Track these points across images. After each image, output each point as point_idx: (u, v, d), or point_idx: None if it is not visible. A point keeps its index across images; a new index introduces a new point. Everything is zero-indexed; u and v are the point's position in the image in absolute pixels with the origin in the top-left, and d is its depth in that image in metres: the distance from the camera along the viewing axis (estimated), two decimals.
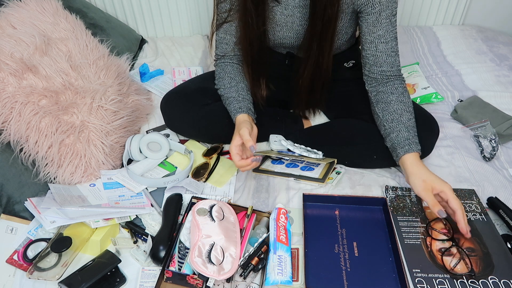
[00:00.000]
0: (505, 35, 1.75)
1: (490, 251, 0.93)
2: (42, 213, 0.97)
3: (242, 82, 1.15)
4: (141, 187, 1.12)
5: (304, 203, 1.05)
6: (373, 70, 1.07)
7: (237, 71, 1.17)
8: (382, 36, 1.02)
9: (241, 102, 1.11)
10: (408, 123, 1.02)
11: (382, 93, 1.07)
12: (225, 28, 1.12)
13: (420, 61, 1.63)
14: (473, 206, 1.04)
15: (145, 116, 1.38)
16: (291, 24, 1.07)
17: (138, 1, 1.73)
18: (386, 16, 1.01)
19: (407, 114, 1.03)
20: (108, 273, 0.90)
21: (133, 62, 1.63)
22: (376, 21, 1.01)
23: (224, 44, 1.15)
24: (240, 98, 1.11)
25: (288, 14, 1.06)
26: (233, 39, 1.13)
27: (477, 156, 1.20)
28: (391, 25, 1.02)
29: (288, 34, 1.10)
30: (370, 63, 1.07)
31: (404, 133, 1.00)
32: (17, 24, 1.20)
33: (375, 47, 1.04)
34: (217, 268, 0.85)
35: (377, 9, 1.00)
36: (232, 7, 1.07)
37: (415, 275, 0.89)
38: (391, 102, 1.05)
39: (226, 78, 1.15)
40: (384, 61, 1.05)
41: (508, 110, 1.32)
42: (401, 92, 1.05)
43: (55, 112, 1.09)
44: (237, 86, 1.13)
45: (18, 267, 0.93)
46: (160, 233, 0.97)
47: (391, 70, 1.06)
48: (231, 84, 1.14)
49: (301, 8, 1.05)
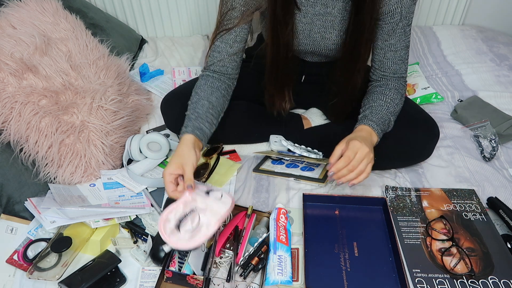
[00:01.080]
0: (505, 35, 1.75)
1: (490, 251, 0.93)
2: (42, 213, 0.97)
3: (206, 99, 1.05)
4: (141, 187, 1.12)
5: (304, 203, 1.05)
6: (376, 73, 1.08)
7: (210, 85, 1.08)
8: (393, 45, 1.03)
9: (193, 120, 1.01)
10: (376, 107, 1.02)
11: (374, 87, 1.08)
12: (222, 35, 1.06)
13: (420, 61, 1.63)
14: (473, 206, 1.04)
15: (145, 116, 1.38)
16: (309, 32, 1.07)
17: (138, 1, 1.73)
18: (402, 26, 1.01)
19: (380, 101, 1.03)
20: (108, 273, 0.90)
21: (133, 62, 1.63)
22: (392, 31, 1.01)
23: (216, 53, 1.08)
24: (194, 116, 1.02)
25: (307, 22, 1.05)
26: (227, 48, 1.07)
27: (477, 156, 1.20)
28: (405, 35, 1.02)
29: (304, 41, 1.09)
30: (375, 66, 1.08)
31: (367, 112, 1.02)
32: (17, 24, 1.20)
33: (383, 54, 1.04)
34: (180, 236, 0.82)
35: (396, 19, 0.99)
36: (243, 16, 1.04)
37: (415, 275, 0.89)
38: (375, 92, 1.06)
39: (193, 94, 1.07)
40: (388, 68, 1.06)
41: (508, 110, 1.32)
42: (389, 88, 1.05)
43: (55, 112, 1.09)
44: (197, 102, 1.05)
45: (18, 267, 0.93)
46: None
47: (393, 76, 1.07)
48: (193, 100, 1.06)
49: (321, 16, 1.04)
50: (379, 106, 1.02)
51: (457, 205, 1.05)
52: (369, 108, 1.03)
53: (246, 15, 1.03)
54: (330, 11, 1.03)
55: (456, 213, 1.02)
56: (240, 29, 1.05)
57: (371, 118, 1.00)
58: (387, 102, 1.03)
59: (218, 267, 0.92)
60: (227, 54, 1.07)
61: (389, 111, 1.03)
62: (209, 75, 1.09)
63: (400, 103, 1.06)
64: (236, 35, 1.06)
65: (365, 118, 1.00)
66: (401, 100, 1.06)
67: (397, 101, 1.05)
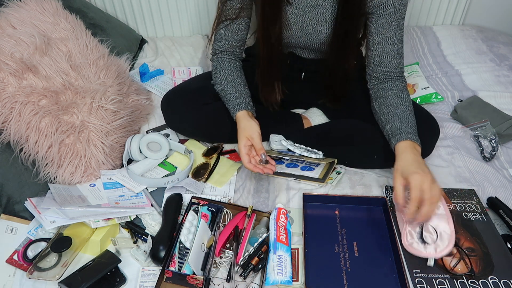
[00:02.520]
0: (505, 35, 1.75)
1: (490, 251, 0.93)
2: (42, 213, 0.97)
3: (239, 78, 1.16)
4: (141, 187, 1.12)
5: (304, 203, 1.05)
6: (377, 70, 1.08)
7: (234, 67, 1.17)
8: (390, 38, 1.03)
9: (238, 98, 1.11)
10: (402, 114, 1.02)
11: (382, 89, 1.08)
12: (227, 24, 1.11)
13: (420, 61, 1.63)
14: (473, 206, 1.04)
15: (145, 116, 1.38)
16: (301, 24, 1.08)
17: (138, 1, 1.73)
18: (396, 19, 1.01)
19: (402, 107, 1.03)
20: (108, 273, 0.90)
21: (133, 62, 1.63)
22: (386, 23, 1.02)
23: (224, 41, 1.15)
24: (238, 94, 1.11)
25: (299, 13, 1.06)
26: (233, 36, 1.13)
27: (477, 156, 1.20)
28: (399, 28, 1.03)
29: (297, 34, 1.10)
30: (375, 63, 1.07)
31: (397, 123, 1.00)
32: (17, 24, 1.20)
33: (381, 48, 1.05)
34: (433, 247, 0.89)
35: (389, 11, 1.00)
36: (243, 6, 1.08)
37: (415, 275, 0.89)
38: (389, 97, 1.06)
39: (223, 74, 1.15)
40: (389, 62, 1.06)
41: (508, 110, 1.32)
42: (400, 89, 1.06)
43: (55, 112, 1.09)
44: (234, 81, 1.14)
45: (18, 267, 0.93)
46: (160, 233, 0.97)
47: (394, 71, 1.07)
48: (228, 80, 1.14)
49: (312, 7, 1.05)
50: (404, 112, 1.01)
51: (457, 205, 1.05)
52: (396, 118, 1.01)
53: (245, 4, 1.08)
54: (321, 3, 1.04)
55: (456, 213, 1.02)
56: (241, 19, 1.11)
57: (407, 130, 0.98)
58: (408, 107, 1.03)
59: (218, 267, 0.92)
60: (234, 41, 1.15)
61: (412, 113, 1.03)
62: (225, 58, 1.17)
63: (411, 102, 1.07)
64: (239, 24, 1.12)
65: (401, 132, 0.97)
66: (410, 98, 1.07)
67: (410, 100, 1.06)
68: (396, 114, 1.02)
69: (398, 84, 1.07)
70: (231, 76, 1.15)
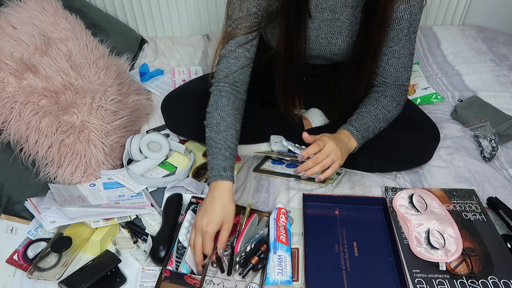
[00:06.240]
0: (505, 35, 1.75)
1: (490, 251, 0.93)
2: (42, 213, 0.97)
3: (233, 127, 0.96)
4: (141, 187, 1.12)
5: (304, 203, 1.05)
6: (377, 78, 1.07)
7: (232, 108, 0.98)
8: (397, 51, 1.02)
9: (227, 160, 0.93)
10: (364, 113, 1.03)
11: (372, 91, 1.09)
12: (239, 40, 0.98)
13: (420, 61, 1.63)
14: (473, 206, 1.04)
15: (145, 116, 1.38)
16: (315, 37, 1.06)
17: (138, 1, 1.73)
18: (408, 33, 1.00)
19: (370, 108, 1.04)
20: (108, 273, 0.90)
21: (133, 62, 1.63)
22: (396, 37, 1.00)
23: (233, 59, 0.98)
24: (228, 153, 0.93)
25: (314, 27, 1.04)
26: (245, 53, 0.98)
27: (477, 156, 1.20)
28: (409, 42, 1.01)
29: (310, 46, 1.08)
30: (377, 72, 1.06)
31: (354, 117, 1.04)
32: (17, 24, 1.20)
33: (386, 60, 1.03)
34: (443, 252, 0.90)
35: (402, 26, 0.98)
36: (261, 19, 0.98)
37: (415, 275, 0.89)
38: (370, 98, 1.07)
39: (217, 116, 0.97)
40: (390, 75, 1.05)
41: (508, 110, 1.32)
42: (386, 96, 1.05)
43: (55, 112, 1.09)
44: (226, 132, 0.95)
45: (18, 267, 0.93)
46: (160, 233, 0.97)
47: (394, 84, 1.06)
48: (219, 128, 0.95)
49: (328, 22, 1.02)
50: (367, 112, 1.03)
51: (457, 205, 1.05)
52: (357, 113, 1.04)
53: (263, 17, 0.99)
54: (338, 17, 1.01)
55: (456, 213, 1.02)
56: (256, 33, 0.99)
57: (354, 124, 1.02)
58: (377, 109, 1.03)
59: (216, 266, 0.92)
60: (246, 59, 0.99)
61: (378, 118, 1.03)
62: (226, 89, 0.99)
63: (393, 110, 1.05)
64: (253, 39, 0.99)
65: (349, 123, 1.03)
66: (396, 107, 1.06)
67: (390, 108, 1.05)
68: (360, 111, 1.04)
69: (388, 91, 1.05)
70: (225, 122, 0.95)
